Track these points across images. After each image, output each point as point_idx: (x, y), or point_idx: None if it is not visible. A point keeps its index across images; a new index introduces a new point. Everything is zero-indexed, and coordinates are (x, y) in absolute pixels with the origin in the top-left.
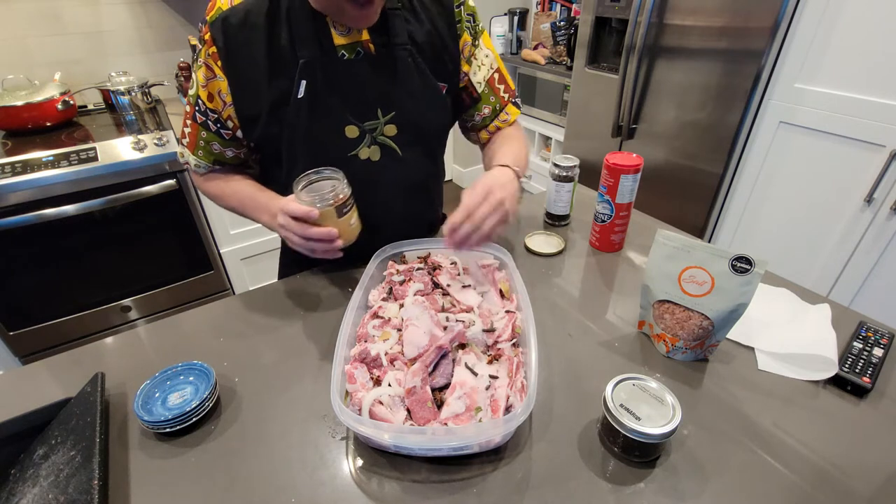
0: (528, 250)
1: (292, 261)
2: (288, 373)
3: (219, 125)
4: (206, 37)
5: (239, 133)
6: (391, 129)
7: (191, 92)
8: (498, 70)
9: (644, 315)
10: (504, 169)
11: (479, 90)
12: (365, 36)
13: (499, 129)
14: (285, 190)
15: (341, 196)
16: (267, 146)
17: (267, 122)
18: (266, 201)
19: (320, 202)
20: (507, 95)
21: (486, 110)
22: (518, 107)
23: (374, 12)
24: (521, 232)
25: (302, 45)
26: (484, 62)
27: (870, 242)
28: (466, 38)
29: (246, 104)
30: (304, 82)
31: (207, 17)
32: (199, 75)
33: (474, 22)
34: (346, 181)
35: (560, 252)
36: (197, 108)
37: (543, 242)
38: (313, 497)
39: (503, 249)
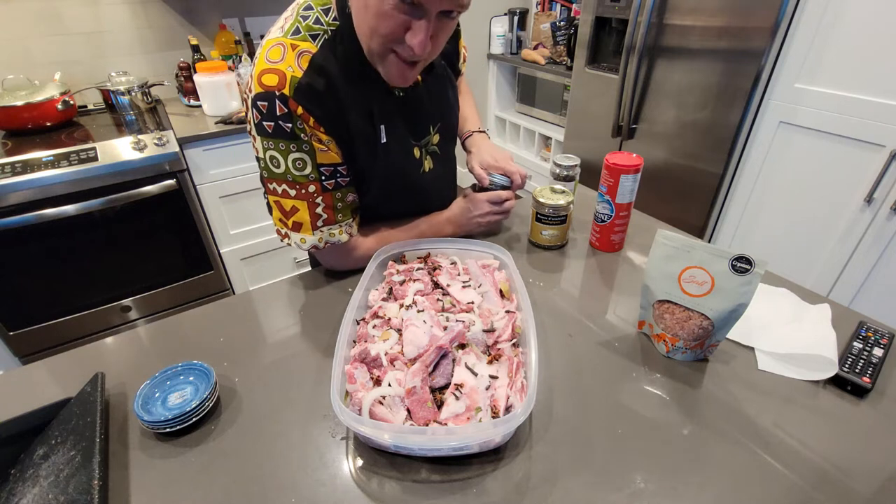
0: (537, 213)
1: None
2: (288, 373)
3: (342, 175)
4: (300, 111)
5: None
6: (436, 138)
7: (299, 174)
8: (460, 36)
9: (644, 315)
10: (484, 136)
11: (460, 68)
12: None
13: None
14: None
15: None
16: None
17: (361, 168)
18: (443, 217)
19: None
20: (464, 51)
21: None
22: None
23: (415, 74)
24: (522, 226)
25: (371, 93)
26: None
27: (870, 242)
28: (462, 40)
29: (348, 156)
30: (382, 127)
31: (284, 91)
32: (304, 153)
33: None
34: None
35: (569, 203)
36: (322, 178)
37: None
38: (313, 497)
39: (503, 249)
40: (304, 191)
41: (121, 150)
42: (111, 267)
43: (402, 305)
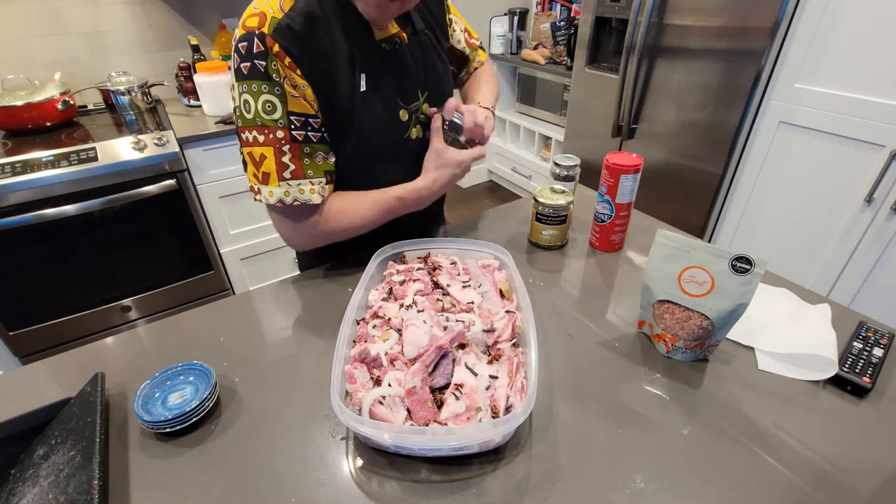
0: (537, 214)
1: (313, 256)
2: (288, 373)
3: (313, 129)
4: (276, 49)
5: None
6: (427, 107)
7: (268, 118)
8: (466, 30)
9: (644, 315)
10: (487, 111)
11: (466, 53)
12: (396, 28)
13: (475, 69)
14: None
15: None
16: (332, 137)
17: (338, 116)
18: (417, 181)
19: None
20: (476, 42)
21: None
22: (484, 50)
23: (394, 10)
24: (522, 226)
25: (354, 42)
26: (457, 28)
27: (870, 242)
28: (450, 16)
29: (325, 103)
30: (363, 76)
31: (263, 29)
32: (274, 97)
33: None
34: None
35: (569, 203)
36: (292, 127)
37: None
38: (313, 497)
39: (503, 249)
40: (271, 135)
41: (121, 150)
42: (111, 267)
43: (402, 305)
